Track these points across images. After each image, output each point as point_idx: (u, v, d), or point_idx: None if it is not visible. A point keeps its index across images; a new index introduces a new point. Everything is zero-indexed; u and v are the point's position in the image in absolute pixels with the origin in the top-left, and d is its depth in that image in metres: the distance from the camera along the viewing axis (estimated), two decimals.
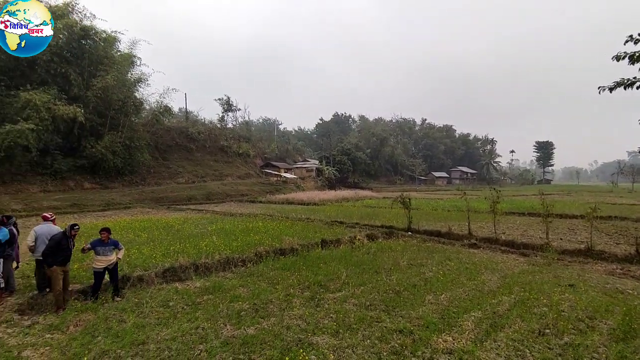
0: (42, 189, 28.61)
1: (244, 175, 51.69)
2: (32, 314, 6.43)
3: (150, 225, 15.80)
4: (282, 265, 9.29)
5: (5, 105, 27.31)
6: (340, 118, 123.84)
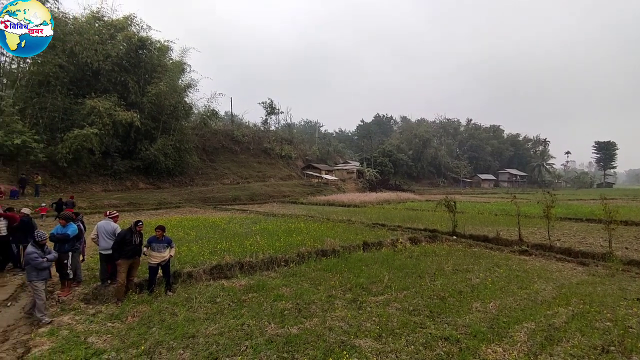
0: (104, 188, 31.06)
1: (286, 177, 52.63)
2: (96, 303, 7.00)
3: (198, 224, 16.55)
4: (324, 266, 9.36)
5: (74, 112, 30.01)
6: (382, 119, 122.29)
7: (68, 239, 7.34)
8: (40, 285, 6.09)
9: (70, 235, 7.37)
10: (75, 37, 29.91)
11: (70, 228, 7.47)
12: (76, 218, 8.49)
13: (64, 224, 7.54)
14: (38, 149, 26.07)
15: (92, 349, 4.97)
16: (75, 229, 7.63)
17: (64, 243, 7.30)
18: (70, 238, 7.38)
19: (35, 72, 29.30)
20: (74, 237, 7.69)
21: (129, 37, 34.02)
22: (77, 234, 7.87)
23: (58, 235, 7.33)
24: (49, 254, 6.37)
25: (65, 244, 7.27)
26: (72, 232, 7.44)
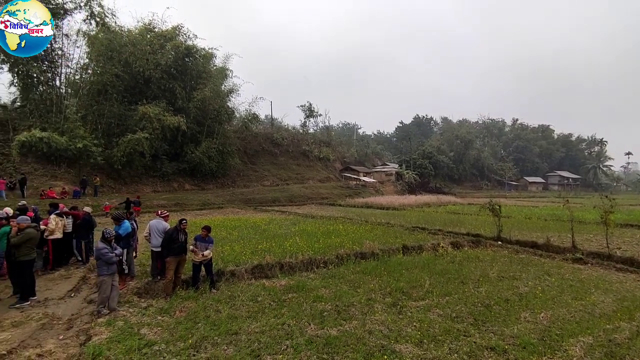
0: (153, 189, 32.97)
1: (324, 179, 52.88)
2: (147, 297, 7.45)
3: (240, 225, 17.08)
4: (363, 269, 9.31)
5: (128, 118, 32.18)
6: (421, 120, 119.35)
7: (120, 237, 7.79)
8: (108, 280, 6.57)
9: (121, 234, 7.86)
10: (130, 48, 32.06)
11: (123, 227, 7.98)
12: (130, 217, 9.09)
13: (117, 224, 8.06)
14: (97, 152, 28.28)
15: (144, 340, 5.29)
16: (128, 227, 8.17)
17: (118, 241, 7.74)
18: (122, 236, 7.88)
19: (95, 82, 31.77)
20: (128, 235, 8.25)
21: (176, 46, 35.90)
22: (130, 231, 8.44)
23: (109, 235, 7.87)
24: (115, 249, 6.88)
25: (119, 242, 7.74)
26: (123, 230, 7.95)
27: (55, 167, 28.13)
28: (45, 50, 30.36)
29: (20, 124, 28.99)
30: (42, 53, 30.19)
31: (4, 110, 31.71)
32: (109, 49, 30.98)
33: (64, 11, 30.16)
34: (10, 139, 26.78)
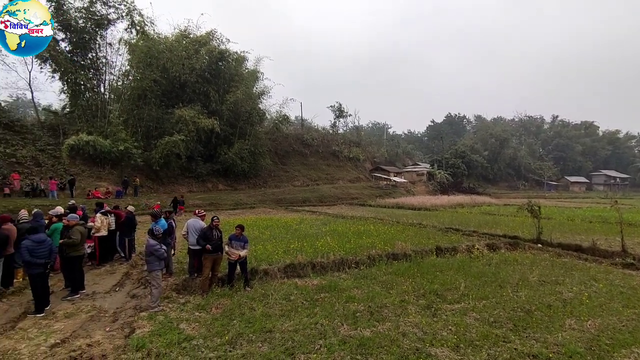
0: (189, 189, 34.19)
1: (354, 179, 52.65)
2: (185, 293, 7.74)
3: (271, 224, 17.36)
4: (395, 270, 9.19)
5: (165, 121, 33.60)
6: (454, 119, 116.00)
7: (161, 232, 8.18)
8: (160, 274, 6.93)
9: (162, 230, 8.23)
10: (167, 54, 33.45)
11: (159, 224, 8.26)
12: (169, 216, 9.48)
13: (154, 221, 8.36)
14: (137, 154, 29.74)
15: (183, 334, 5.50)
16: (164, 225, 8.51)
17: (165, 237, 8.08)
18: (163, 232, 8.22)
19: (135, 87, 33.41)
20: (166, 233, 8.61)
21: (210, 50, 37.05)
22: (168, 229, 8.80)
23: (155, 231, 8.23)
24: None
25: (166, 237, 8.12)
26: (162, 226, 8.24)
27: (100, 168, 29.87)
28: (92, 59, 32.45)
29: (69, 128, 31.03)
30: (89, 61, 32.36)
31: (55, 116, 34.07)
32: (148, 56, 32.49)
33: (108, 22, 31.99)
34: (61, 142, 28.71)
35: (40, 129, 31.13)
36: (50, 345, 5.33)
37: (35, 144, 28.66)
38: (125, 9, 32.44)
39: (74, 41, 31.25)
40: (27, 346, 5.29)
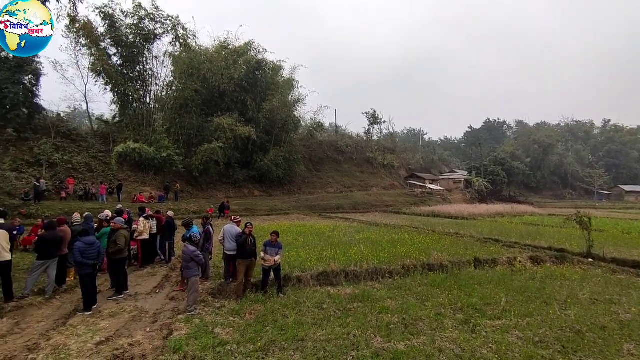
0: (226, 195, 35.19)
1: (389, 186, 51.91)
2: (221, 298, 7.92)
3: (305, 231, 17.44)
4: (431, 281, 8.90)
5: (204, 129, 34.97)
6: (493, 125, 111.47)
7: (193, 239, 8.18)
8: (198, 279, 7.18)
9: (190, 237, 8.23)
10: (207, 65, 34.90)
11: (191, 231, 8.34)
12: (207, 222, 9.79)
13: (187, 229, 8.47)
14: (178, 161, 31.13)
15: (218, 339, 5.61)
16: (196, 230, 8.67)
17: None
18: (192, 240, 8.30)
19: (177, 97, 35.12)
20: (205, 238, 8.88)
21: (248, 61, 38.23)
22: (206, 235, 9.08)
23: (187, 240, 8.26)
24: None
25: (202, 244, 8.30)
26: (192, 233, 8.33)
27: (145, 174, 31.54)
28: (139, 71, 34.56)
29: (118, 136, 33.09)
30: (137, 74, 34.47)
31: (107, 125, 36.47)
32: (190, 67, 34.08)
33: (155, 36, 34.04)
34: (111, 150, 30.69)
35: (93, 137, 33.48)
36: (96, 342, 5.64)
37: (88, 151, 30.84)
38: (171, 23, 34.39)
39: (124, 55, 33.49)
40: (76, 342, 5.62)
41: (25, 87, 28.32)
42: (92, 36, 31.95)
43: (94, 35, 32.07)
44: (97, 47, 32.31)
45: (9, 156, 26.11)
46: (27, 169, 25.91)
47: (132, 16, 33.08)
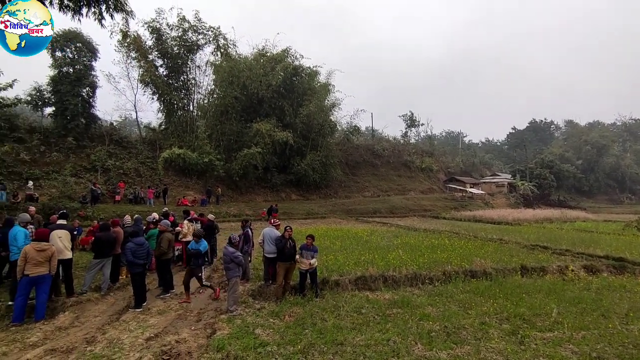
0: (264, 199, 36.02)
1: (427, 190, 50.64)
2: (260, 299, 8.09)
3: (342, 235, 17.41)
4: (474, 288, 8.56)
5: (244, 135, 36.06)
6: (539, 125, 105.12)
7: (200, 254, 8.02)
8: (238, 280, 7.42)
9: (202, 251, 8.05)
10: (247, 72, 36.03)
11: (202, 244, 8.13)
12: (245, 224, 10.05)
13: (197, 241, 8.17)
14: (219, 165, 32.35)
15: (258, 340, 5.72)
16: (206, 246, 8.34)
17: (198, 258, 7.99)
18: (202, 253, 8.08)
19: (218, 104, 36.53)
20: (244, 241, 9.13)
21: (285, 67, 38.99)
22: (246, 238, 9.32)
23: (193, 250, 8.03)
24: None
25: (199, 259, 8.00)
26: (203, 248, 8.12)
27: (188, 178, 33.01)
28: (183, 81, 36.39)
29: (164, 143, 34.95)
30: (181, 83, 36.30)
31: (154, 132, 38.63)
32: (230, 75, 35.36)
33: (197, 47, 35.79)
34: (157, 155, 32.49)
35: (142, 144, 35.62)
36: (146, 338, 5.97)
37: (137, 157, 32.85)
38: (212, 34, 36.01)
39: (169, 66, 35.46)
40: (128, 337, 5.98)
41: (83, 98, 30.82)
42: (141, 49, 34.15)
43: (142, 49, 34.26)
44: (146, 59, 34.46)
45: (69, 163, 28.43)
46: (84, 174, 28.06)
47: (177, 29, 35.00)
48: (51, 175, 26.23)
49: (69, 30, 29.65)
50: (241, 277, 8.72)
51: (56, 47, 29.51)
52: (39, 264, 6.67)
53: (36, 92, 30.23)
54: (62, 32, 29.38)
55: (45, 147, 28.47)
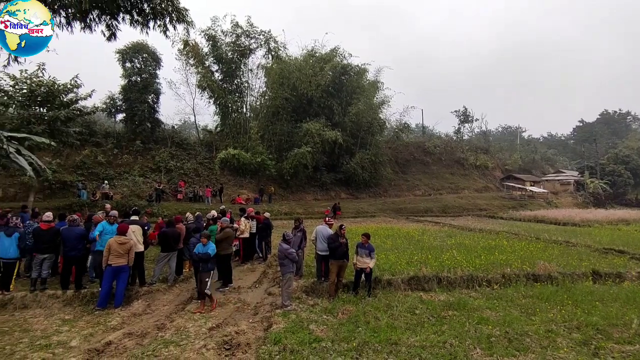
0: (314, 197, 36.55)
1: (482, 189, 48.11)
2: (313, 296, 8.28)
3: (392, 234, 17.17)
4: (538, 293, 8.05)
5: (294, 135, 36.83)
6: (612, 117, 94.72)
7: (209, 257, 7.48)
8: (292, 276, 7.69)
9: (211, 255, 7.48)
10: (296, 74, 36.73)
11: (210, 247, 7.59)
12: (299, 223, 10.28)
13: (205, 243, 7.61)
14: (271, 165, 33.41)
15: (313, 335, 5.87)
16: (214, 248, 7.73)
17: (207, 262, 7.47)
18: (211, 257, 7.51)
19: (269, 106, 37.70)
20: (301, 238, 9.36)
21: (334, 66, 39.16)
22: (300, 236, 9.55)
23: (201, 255, 7.43)
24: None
25: (208, 263, 7.47)
26: (212, 251, 7.57)
27: (242, 178, 34.47)
28: (237, 84, 38.06)
29: (220, 144, 36.83)
30: (234, 87, 38.01)
31: (210, 134, 40.83)
32: (280, 77, 36.30)
33: (250, 51, 37.26)
34: (214, 156, 34.34)
35: (200, 145, 37.88)
36: (208, 327, 6.40)
37: (196, 158, 35.02)
38: (264, 38, 37.27)
39: (224, 71, 37.26)
40: (193, 326, 6.45)
41: (149, 105, 33.52)
42: (199, 56, 36.26)
43: (199, 55, 36.37)
44: (203, 65, 36.54)
45: (137, 164, 31.10)
46: (150, 175, 30.51)
47: (231, 35, 36.68)
48: (122, 176, 28.92)
49: (136, 43, 32.35)
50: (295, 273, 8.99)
51: (126, 59, 32.42)
52: (120, 255, 7.44)
53: (110, 100, 33.40)
54: (131, 44, 32.18)
55: (117, 150, 31.49)
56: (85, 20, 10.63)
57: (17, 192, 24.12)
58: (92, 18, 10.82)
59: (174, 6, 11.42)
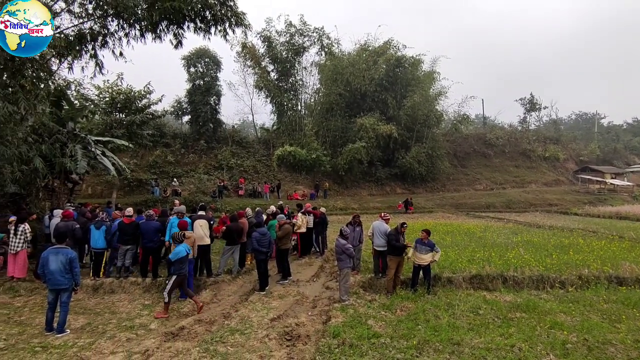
0: (369, 193, 36.28)
1: (552, 182, 44.18)
2: (371, 291, 8.29)
3: (452, 230, 16.50)
4: (623, 298, 7.28)
5: (348, 130, 36.81)
6: None
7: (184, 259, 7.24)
8: (350, 271, 7.81)
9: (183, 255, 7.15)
10: (350, 69, 36.58)
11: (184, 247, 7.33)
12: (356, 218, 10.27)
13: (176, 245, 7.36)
14: (325, 161, 33.75)
15: (371, 330, 5.90)
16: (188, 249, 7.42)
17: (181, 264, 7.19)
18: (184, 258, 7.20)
19: (323, 102, 38.02)
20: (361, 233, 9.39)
21: (387, 59, 38.31)
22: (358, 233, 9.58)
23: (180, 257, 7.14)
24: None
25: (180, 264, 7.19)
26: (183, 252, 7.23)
27: (298, 174, 35.28)
28: (291, 82, 38.95)
29: (276, 141, 38.01)
30: (289, 85, 38.94)
31: (267, 132, 42.30)
32: (334, 73, 36.39)
33: (303, 49, 37.84)
34: (271, 153, 35.59)
35: (258, 143, 39.49)
36: (270, 318, 6.70)
37: (254, 155, 36.59)
38: (317, 35, 37.60)
39: (279, 70, 38.29)
40: (256, 316, 6.81)
41: (211, 106, 35.67)
42: (255, 57, 37.64)
43: (256, 57, 37.73)
44: (259, 66, 37.87)
45: (202, 162, 33.33)
46: (213, 172, 32.50)
47: (285, 34, 37.51)
48: (189, 174, 31.18)
49: (199, 48, 34.43)
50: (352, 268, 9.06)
51: (190, 64, 34.74)
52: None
53: (177, 103, 36.03)
54: (194, 50, 34.35)
55: (184, 150, 34.05)
56: (156, 31, 11.61)
57: (102, 189, 27.09)
58: (162, 29, 11.77)
59: (232, 11, 12.01)
